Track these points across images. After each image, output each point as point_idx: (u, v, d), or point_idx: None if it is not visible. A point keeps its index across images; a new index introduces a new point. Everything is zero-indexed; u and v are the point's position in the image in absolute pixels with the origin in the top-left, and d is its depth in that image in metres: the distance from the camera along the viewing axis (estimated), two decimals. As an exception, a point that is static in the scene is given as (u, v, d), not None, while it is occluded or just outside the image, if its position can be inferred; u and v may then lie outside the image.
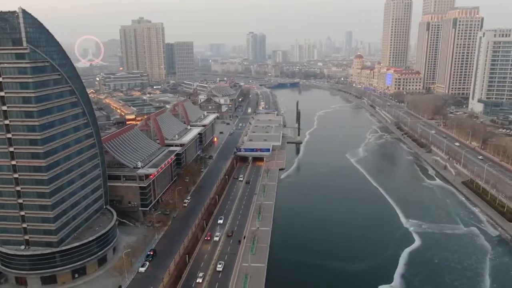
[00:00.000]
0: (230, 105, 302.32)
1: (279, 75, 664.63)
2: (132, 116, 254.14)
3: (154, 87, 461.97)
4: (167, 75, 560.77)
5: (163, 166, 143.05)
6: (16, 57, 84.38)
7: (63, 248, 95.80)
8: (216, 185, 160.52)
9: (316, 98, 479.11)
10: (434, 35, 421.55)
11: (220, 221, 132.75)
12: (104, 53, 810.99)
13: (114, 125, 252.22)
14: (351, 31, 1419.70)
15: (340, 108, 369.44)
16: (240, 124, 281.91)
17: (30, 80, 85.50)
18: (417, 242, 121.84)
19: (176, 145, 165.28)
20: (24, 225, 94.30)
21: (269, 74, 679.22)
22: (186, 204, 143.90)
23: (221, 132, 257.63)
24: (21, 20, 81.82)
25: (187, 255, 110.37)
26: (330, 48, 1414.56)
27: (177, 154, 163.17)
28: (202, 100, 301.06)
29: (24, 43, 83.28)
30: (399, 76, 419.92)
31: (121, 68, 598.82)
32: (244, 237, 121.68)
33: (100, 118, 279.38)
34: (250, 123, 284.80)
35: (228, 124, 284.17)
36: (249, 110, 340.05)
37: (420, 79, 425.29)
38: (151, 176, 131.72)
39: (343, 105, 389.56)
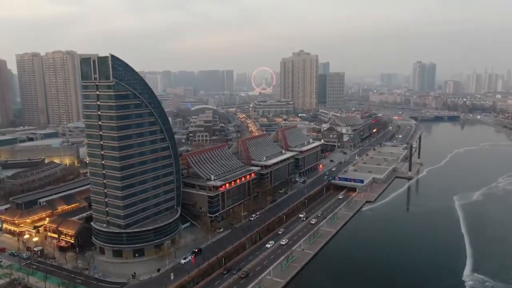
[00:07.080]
0: (352, 135, 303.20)
1: (439, 108, 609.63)
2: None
3: (299, 114, 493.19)
4: (318, 104, 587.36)
5: (238, 181, 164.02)
6: (107, 87, 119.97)
7: (128, 231, 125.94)
8: (288, 207, 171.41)
9: (470, 133, 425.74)
10: None
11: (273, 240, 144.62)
12: (276, 82, 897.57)
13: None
14: None
15: (490, 147, 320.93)
16: (358, 155, 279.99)
17: (113, 103, 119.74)
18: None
19: (260, 166, 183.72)
20: (107, 209, 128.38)
21: (429, 106, 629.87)
22: (253, 218, 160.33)
23: (331, 160, 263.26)
24: (109, 62, 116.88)
25: (223, 258, 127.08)
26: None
27: (261, 174, 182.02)
28: (324, 129, 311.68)
29: (111, 78, 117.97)
30: None
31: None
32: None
33: (234, 139, 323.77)
34: (367, 154, 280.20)
35: (345, 153, 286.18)
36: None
37: None
38: (221, 188, 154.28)
39: (496, 144, 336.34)
